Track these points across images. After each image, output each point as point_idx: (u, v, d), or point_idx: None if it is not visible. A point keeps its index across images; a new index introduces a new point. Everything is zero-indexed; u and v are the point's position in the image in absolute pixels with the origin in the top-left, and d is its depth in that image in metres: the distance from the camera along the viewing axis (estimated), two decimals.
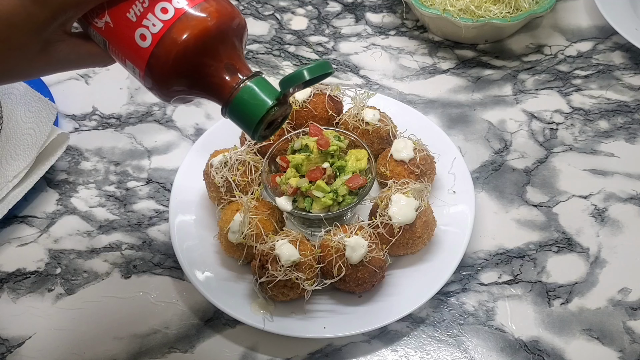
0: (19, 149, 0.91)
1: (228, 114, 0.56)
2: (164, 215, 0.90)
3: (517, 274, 0.83)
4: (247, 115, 0.54)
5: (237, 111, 0.55)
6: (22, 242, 0.88)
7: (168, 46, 0.52)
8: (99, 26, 0.54)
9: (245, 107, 0.54)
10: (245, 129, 0.56)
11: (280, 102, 0.55)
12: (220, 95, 0.55)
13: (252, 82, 0.54)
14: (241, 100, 0.54)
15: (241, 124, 0.56)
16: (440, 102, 1.02)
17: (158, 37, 0.52)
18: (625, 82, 1.04)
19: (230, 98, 0.54)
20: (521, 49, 1.10)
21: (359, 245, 0.74)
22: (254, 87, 0.54)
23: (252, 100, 0.54)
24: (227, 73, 0.54)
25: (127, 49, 0.53)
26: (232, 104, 0.54)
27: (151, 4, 0.52)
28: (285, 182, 0.81)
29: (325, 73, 0.55)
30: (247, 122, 0.55)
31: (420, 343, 0.77)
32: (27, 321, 0.81)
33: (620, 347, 0.76)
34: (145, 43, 0.52)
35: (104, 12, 0.53)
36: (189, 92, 0.56)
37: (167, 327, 0.79)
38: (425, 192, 0.80)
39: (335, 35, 1.14)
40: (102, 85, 1.07)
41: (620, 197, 0.90)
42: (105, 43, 0.55)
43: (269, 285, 0.74)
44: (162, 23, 0.52)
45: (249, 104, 0.54)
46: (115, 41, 0.54)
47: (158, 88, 0.55)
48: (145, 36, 0.52)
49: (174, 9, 0.52)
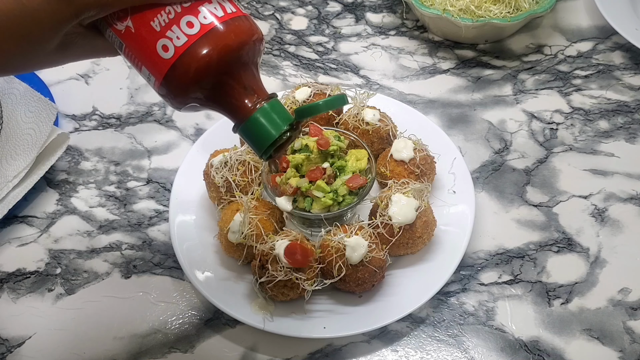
0: (19, 149, 0.91)
1: (240, 132, 0.56)
2: (164, 215, 0.90)
3: (517, 274, 0.83)
4: (259, 137, 0.55)
5: (250, 131, 0.56)
6: (22, 242, 0.88)
7: (190, 61, 0.52)
8: (118, 29, 0.54)
9: (258, 129, 0.55)
10: (256, 149, 0.57)
11: (292, 128, 0.56)
12: (236, 115, 0.56)
13: (268, 105, 0.55)
14: (256, 121, 0.55)
15: (252, 144, 0.57)
16: (440, 102, 1.02)
17: (181, 50, 0.52)
18: (625, 82, 1.04)
19: (244, 118, 0.55)
20: (521, 49, 1.10)
21: (359, 245, 0.74)
22: (269, 111, 0.55)
23: (266, 123, 0.55)
24: (244, 93, 0.55)
25: (146, 56, 0.53)
26: (245, 123, 0.55)
27: (177, 16, 0.52)
28: (285, 182, 0.81)
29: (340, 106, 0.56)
30: (259, 143, 0.56)
31: (420, 343, 0.77)
32: (27, 321, 0.81)
33: (620, 347, 0.76)
34: (167, 54, 0.52)
35: (127, 16, 0.53)
36: (203, 105, 0.56)
37: (167, 327, 0.79)
38: (425, 192, 0.80)
39: (335, 35, 1.14)
40: (102, 85, 1.07)
41: (620, 197, 0.90)
42: (121, 45, 0.55)
43: (269, 285, 0.74)
44: (186, 37, 0.52)
45: (263, 127, 0.55)
46: (134, 47, 0.54)
47: (172, 98, 0.55)
48: (168, 47, 0.52)
49: (199, 25, 0.52)
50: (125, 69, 1.09)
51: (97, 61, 1.11)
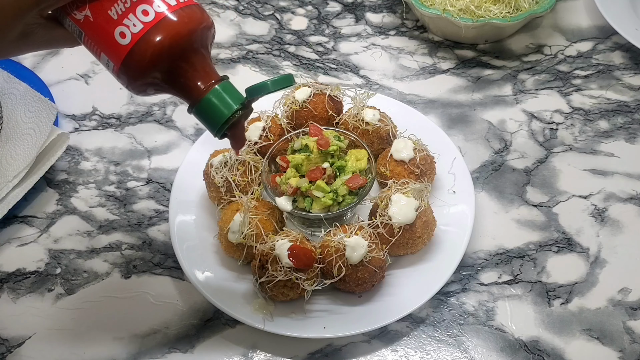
0: (19, 149, 0.91)
1: (194, 112, 0.60)
2: (164, 215, 0.90)
3: (517, 274, 0.83)
4: (212, 116, 0.59)
5: (203, 112, 0.59)
6: (22, 242, 0.88)
7: (146, 46, 0.56)
8: (77, 18, 0.58)
9: (211, 109, 0.59)
10: (210, 128, 0.61)
11: (244, 106, 0.60)
12: (190, 96, 0.59)
13: (219, 86, 0.59)
14: (208, 102, 0.59)
15: (206, 124, 0.61)
16: (440, 102, 1.02)
17: (138, 37, 0.56)
18: (625, 82, 1.04)
19: (198, 99, 0.59)
20: (521, 49, 1.10)
21: (359, 245, 0.74)
22: (220, 91, 0.59)
23: (218, 103, 0.59)
24: (197, 76, 0.59)
25: (104, 43, 0.57)
26: (199, 104, 0.59)
27: (133, 5, 0.56)
28: (285, 182, 0.81)
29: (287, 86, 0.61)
30: (212, 122, 0.60)
31: (420, 343, 0.77)
32: (27, 321, 0.81)
33: (620, 347, 0.76)
34: (125, 41, 0.56)
35: (85, 5, 0.57)
36: (159, 88, 0.60)
37: (167, 327, 0.79)
38: (425, 192, 0.80)
39: (335, 35, 1.14)
40: (102, 85, 1.07)
41: (620, 197, 0.90)
42: (81, 34, 0.58)
43: (269, 285, 0.74)
44: (142, 24, 0.56)
45: (215, 107, 0.59)
46: (93, 35, 0.58)
47: (130, 82, 0.59)
48: (125, 34, 0.56)
49: (154, 13, 0.56)
50: None
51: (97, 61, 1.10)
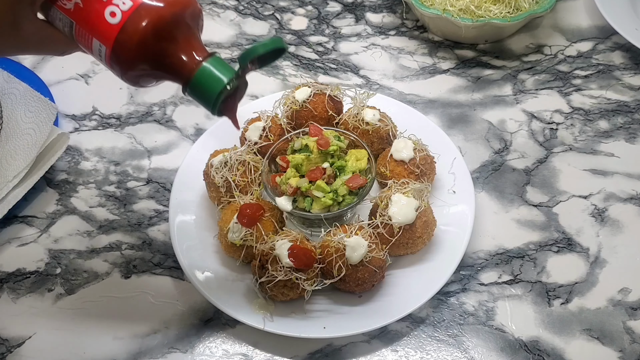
0: (19, 149, 0.91)
1: (188, 92, 0.60)
2: (164, 215, 0.90)
3: (517, 274, 0.83)
4: (206, 92, 0.59)
5: (196, 89, 0.60)
6: (22, 242, 0.88)
7: (137, 23, 0.57)
8: (67, 8, 0.59)
9: (203, 84, 0.59)
10: (205, 104, 0.60)
11: (238, 76, 0.60)
12: (181, 74, 0.59)
13: (208, 61, 0.59)
14: (199, 79, 0.59)
15: (201, 101, 0.61)
16: (440, 102, 1.02)
17: (128, 14, 0.57)
18: (625, 82, 1.04)
19: (189, 77, 0.59)
20: (521, 49, 1.10)
21: (359, 245, 0.74)
22: (210, 67, 0.59)
23: (209, 78, 0.59)
24: (187, 52, 0.59)
25: (95, 26, 0.58)
26: (191, 83, 0.59)
27: None
28: (285, 182, 0.81)
29: (278, 48, 0.60)
30: (206, 98, 0.60)
31: (420, 343, 0.77)
32: (27, 321, 0.81)
33: (620, 347, 0.76)
34: (115, 19, 0.57)
35: None
36: (151, 72, 0.60)
37: (167, 327, 0.79)
38: (425, 192, 0.80)
39: (335, 35, 1.14)
40: (102, 85, 1.07)
41: (620, 197, 0.90)
42: (71, 25, 0.59)
43: (269, 285, 0.74)
44: (131, 2, 0.57)
45: (207, 82, 0.59)
46: (83, 21, 0.58)
47: (123, 65, 0.59)
48: (115, 13, 0.57)
49: None
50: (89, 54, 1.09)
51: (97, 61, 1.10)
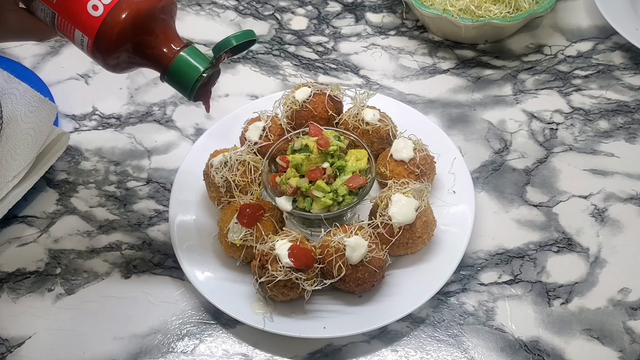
0: (19, 149, 0.91)
1: (166, 79, 0.65)
2: (164, 215, 0.90)
3: (517, 274, 0.83)
4: (183, 79, 0.64)
5: (174, 76, 0.64)
6: (22, 242, 0.88)
7: (118, 16, 0.60)
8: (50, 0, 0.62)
9: (181, 73, 0.64)
10: (183, 91, 0.65)
11: (212, 65, 0.65)
12: (159, 63, 0.64)
13: (185, 51, 0.64)
14: (177, 67, 0.64)
15: (179, 88, 0.65)
16: (440, 102, 1.02)
17: (110, 7, 0.61)
18: (625, 82, 1.04)
19: (167, 66, 0.64)
20: (521, 49, 1.10)
21: (359, 245, 0.74)
22: (186, 56, 0.64)
23: (186, 67, 0.64)
24: (166, 42, 0.64)
25: (78, 19, 0.61)
26: (169, 71, 0.64)
27: None
28: (285, 182, 0.81)
29: (250, 40, 0.65)
30: (184, 85, 0.65)
31: (420, 343, 0.77)
32: (27, 321, 0.81)
33: (620, 347, 0.76)
34: (97, 12, 0.61)
35: None
36: (131, 60, 0.64)
37: (167, 327, 0.79)
38: (425, 192, 0.80)
39: (335, 35, 1.14)
40: (102, 85, 1.07)
41: (620, 197, 0.90)
42: (54, 16, 0.62)
43: (269, 285, 0.74)
44: None
45: (184, 70, 0.64)
46: (66, 12, 0.62)
47: (105, 54, 0.63)
48: (97, 7, 0.61)
49: None
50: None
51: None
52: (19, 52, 1.12)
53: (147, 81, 1.08)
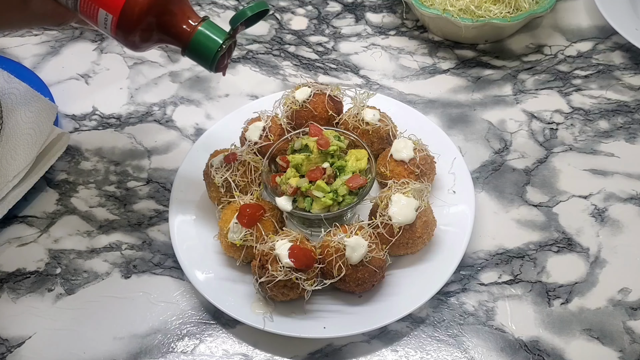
0: (19, 149, 0.91)
1: (187, 54, 0.68)
2: (164, 215, 0.90)
3: (517, 274, 0.83)
4: (204, 52, 0.68)
5: (195, 50, 0.68)
6: (22, 242, 0.88)
7: None
8: None
9: (201, 46, 0.67)
10: (203, 63, 0.69)
11: (229, 37, 0.68)
12: (180, 39, 0.67)
13: (203, 25, 0.67)
14: (197, 41, 0.67)
15: (199, 60, 0.69)
16: (440, 102, 1.02)
17: None
18: (625, 82, 1.04)
19: (187, 41, 0.67)
20: (521, 49, 1.10)
21: (359, 245, 0.74)
22: (205, 30, 0.67)
23: (206, 40, 0.67)
24: (183, 20, 0.67)
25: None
26: (189, 45, 0.67)
27: None
28: (285, 182, 0.81)
29: (263, 9, 0.68)
30: (204, 57, 0.68)
31: (420, 343, 0.77)
32: (27, 321, 0.81)
33: (620, 347, 0.76)
34: None
35: None
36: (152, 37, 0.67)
37: (167, 327, 0.79)
38: (425, 192, 0.80)
39: (335, 35, 1.14)
40: (102, 85, 1.07)
41: (620, 197, 0.90)
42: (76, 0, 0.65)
43: (269, 285, 0.74)
44: None
45: (204, 44, 0.67)
46: None
47: (128, 32, 0.65)
48: None
49: None
50: (125, 69, 1.10)
51: (97, 61, 1.11)
52: (19, 52, 1.12)
53: (147, 81, 1.08)
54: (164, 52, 1.12)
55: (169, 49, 1.12)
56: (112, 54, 1.12)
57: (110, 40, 1.14)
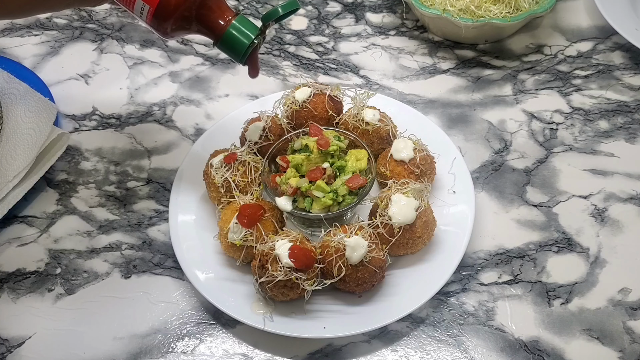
0: (19, 149, 0.91)
1: (219, 46, 0.71)
2: (164, 215, 0.90)
3: (517, 274, 0.83)
4: (235, 46, 0.71)
5: (227, 44, 0.71)
6: (22, 242, 0.88)
7: None
8: None
9: (234, 40, 0.70)
10: (234, 57, 0.72)
11: (261, 33, 0.71)
12: (213, 32, 0.70)
13: (237, 20, 0.70)
14: (230, 35, 0.70)
15: (231, 54, 0.72)
16: (440, 102, 1.02)
17: None
18: (625, 82, 1.04)
19: (220, 34, 0.70)
20: (521, 49, 1.10)
21: (359, 245, 0.74)
22: (238, 25, 0.70)
23: (239, 34, 0.70)
24: (218, 14, 0.70)
25: None
26: (222, 38, 0.70)
27: None
28: (285, 182, 0.81)
29: (294, 8, 0.71)
30: (236, 51, 0.71)
31: (420, 343, 0.77)
32: (27, 321, 0.81)
33: (620, 347, 0.76)
34: None
35: None
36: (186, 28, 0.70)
37: (167, 327, 0.79)
38: (425, 192, 0.80)
39: (335, 35, 1.14)
40: (102, 85, 1.07)
41: (620, 197, 0.90)
42: None
43: (269, 285, 0.74)
44: None
45: (237, 38, 0.70)
46: None
47: (163, 22, 0.68)
48: None
49: None
50: (125, 69, 1.10)
51: (97, 61, 1.11)
52: (19, 52, 1.12)
53: (147, 81, 1.08)
54: (164, 52, 1.12)
55: (169, 49, 1.12)
56: (112, 54, 1.12)
57: (110, 41, 1.14)
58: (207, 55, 1.11)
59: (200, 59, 1.11)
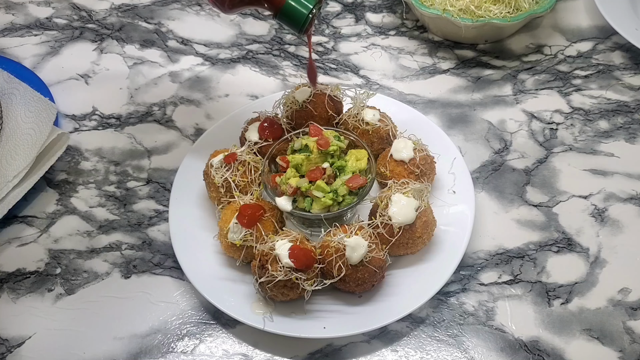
0: (19, 149, 0.91)
1: (279, 18, 0.74)
2: (164, 215, 0.90)
3: (517, 274, 0.83)
4: (295, 16, 0.73)
5: (287, 15, 0.73)
6: (22, 242, 0.88)
7: None
8: None
9: (293, 11, 0.73)
10: (294, 28, 0.74)
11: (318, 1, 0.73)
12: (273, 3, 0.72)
13: None
14: (289, 6, 0.72)
15: (291, 24, 0.74)
16: (440, 102, 1.02)
17: None
18: (625, 82, 1.04)
19: (280, 5, 0.72)
20: (521, 49, 1.10)
21: (359, 245, 0.74)
22: None
23: (298, 4, 0.72)
24: None
25: None
26: (282, 10, 0.72)
27: None
28: (285, 182, 0.81)
29: None
30: (296, 21, 0.73)
31: (420, 343, 0.77)
32: (27, 321, 0.81)
33: (620, 347, 0.76)
34: None
35: None
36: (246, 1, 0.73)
37: (167, 327, 0.79)
38: (425, 192, 0.80)
39: (335, 35, 1.14)
40: (102, 85, 1.07)
41: (620, 197, 0.90)
42: None
43: (269, 285, 0.74)
44: None
45: (296, 9, 0.73)
46: None
47: None
48: None
49: None
50: (125, 69, 1.10)
51: (97, 61, 1.11)
52: (19, 52, 1.12)
53: (147, 81, 1.08)
54: (164, 52, 1.12)
55: (169, 49, 1.12)
56: (112, 54, 1.12)
57: (110, 41, 1.14)
58: (207, 55, 1.11)
59: (200, 59, 1.11)
